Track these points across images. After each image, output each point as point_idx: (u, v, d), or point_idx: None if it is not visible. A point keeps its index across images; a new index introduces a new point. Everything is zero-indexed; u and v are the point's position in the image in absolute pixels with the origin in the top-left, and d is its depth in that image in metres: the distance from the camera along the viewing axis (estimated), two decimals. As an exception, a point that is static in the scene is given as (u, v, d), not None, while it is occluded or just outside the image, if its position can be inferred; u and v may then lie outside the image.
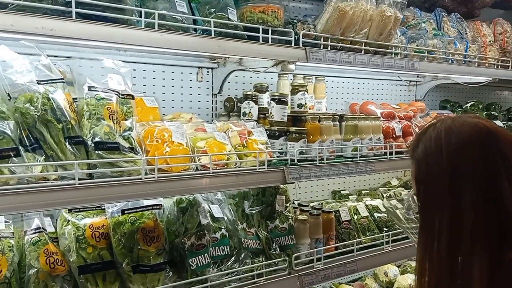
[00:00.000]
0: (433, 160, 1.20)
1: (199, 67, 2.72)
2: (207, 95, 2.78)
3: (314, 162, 2.41)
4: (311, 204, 2.84)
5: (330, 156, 2.51)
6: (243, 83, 2.92)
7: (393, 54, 2.78)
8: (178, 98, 2.67)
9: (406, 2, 2.69)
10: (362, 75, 3.51)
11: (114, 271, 1.92)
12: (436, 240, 1.17)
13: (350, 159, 2.59)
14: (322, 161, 2.43)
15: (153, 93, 2.52)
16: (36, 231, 1.83)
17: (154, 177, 1.83)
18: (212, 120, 2.72)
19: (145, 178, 1.80)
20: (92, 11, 1.69)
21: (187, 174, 1.95)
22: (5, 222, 1.81)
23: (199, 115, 2.62)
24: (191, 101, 2.71)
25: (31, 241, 1.79)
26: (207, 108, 2.79)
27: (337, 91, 3.42)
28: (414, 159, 1.27)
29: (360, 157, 2.61)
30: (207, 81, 2.77)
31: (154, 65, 2.56)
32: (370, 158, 2.69)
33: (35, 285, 1.73)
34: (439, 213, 1.18)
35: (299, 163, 2.33)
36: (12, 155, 1.57)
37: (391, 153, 2.76)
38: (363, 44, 2.60)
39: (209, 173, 1.99)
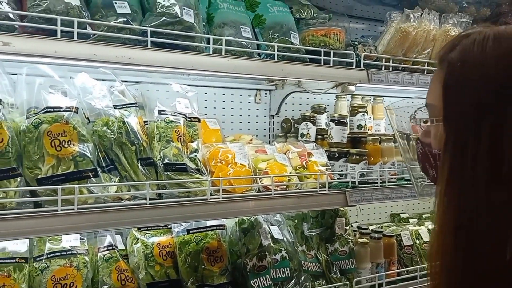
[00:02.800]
0: (474, 62, 0.93)
1: (257, 89, 2.78)
2: (265, 116, 2.83)
3: (375, 184, 2.36)
4: (370, 227, 2.77)
5: (392, 178, 2.45)
6: (300, 104, 2.93)
7: (457, 74, 2.69)
8: (237, 119, 2.73)
9: (471, 21, 2.61)
10: (422, 95, 3.41)
11: (180, 290, 1.96)
12: (470, 165, 0.90)
13: (413, 182, 2.51)
14: (384, 184, 2.37)
15: (214, 115, 2.59)
16: (108, 248, 1.91)
17: (219, 198, 1.86)
18: (269, 141, 2.74)
19: (211, 199, 1.84)
20: (165, 40, 1.78)
21: (251, 195, 1.97)
22: (80, 239, 1.90)
23: (256, 136, 2.65)
24: (249, 122, 2.77)
25: (104, 258, 1.87)
26: (265, 129, 2.83)
27: (395, 111, 3.35)
28: (445, 62, 0.99)
29: (422, 179, 2.52)
30: (265, 103, 2.82)
31: (215, 88, 2.64)
32: (434, 180, 2.59)
33: (107, 301, 1.81)
34: (476, 128, 0.90)
35: (360, 186, 2.29)
36: (91, 176, 1.66)
37: (455, 176, 2.64)
38: (426, 64, 2.55)
39: (271, 194, 2.00)
